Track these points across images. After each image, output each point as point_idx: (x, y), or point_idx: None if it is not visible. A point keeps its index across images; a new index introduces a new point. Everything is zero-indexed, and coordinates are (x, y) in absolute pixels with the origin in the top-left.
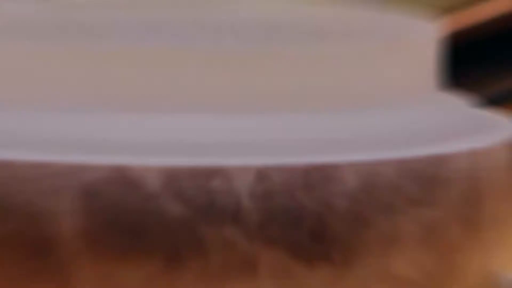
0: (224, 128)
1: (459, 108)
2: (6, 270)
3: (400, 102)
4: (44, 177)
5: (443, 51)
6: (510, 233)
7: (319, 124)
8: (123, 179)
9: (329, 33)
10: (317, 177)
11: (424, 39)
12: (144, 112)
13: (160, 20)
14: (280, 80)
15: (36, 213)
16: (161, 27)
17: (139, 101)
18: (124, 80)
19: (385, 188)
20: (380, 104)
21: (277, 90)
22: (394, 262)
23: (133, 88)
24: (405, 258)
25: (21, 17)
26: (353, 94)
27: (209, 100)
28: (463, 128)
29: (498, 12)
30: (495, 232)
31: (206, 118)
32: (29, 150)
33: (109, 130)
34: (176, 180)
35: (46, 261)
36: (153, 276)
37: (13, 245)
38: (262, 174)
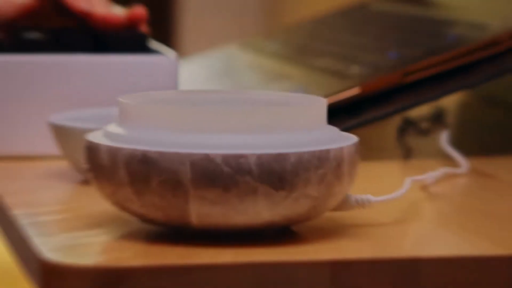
0: (245, 139)
1: (335, 131)
2: (162, 192)
3: (309, 129)
4: (177, 157)
5: (328, 110)
6: (354, 178)
7: (280, 137)
8: (207, 158)
9: (277, 103)
10: (280, 157)
11: (316, 105)
12: (217, 133)
13: (222, 98)
14: (263, 120)
15: (174, 170)
16: (223, 101)
17: (212, 127)
18: (212, 120)
19: (306, 161)
20: (300, 130)
21: (263, 125)
22: (309, 189)
23: (214, 122)
24: (312, 188)
25: (173, 97)
26: (289, 126)
27: (238, 128)
28: (336, 139)
29: (347, 96)
30: (349, 175)
31: (238, 136)
32: (172, 147)
33: (203, 139)
34: (227, 158)
35: (178, 190)
36: (218, 194)
37: (167, 184)
38: (259, 156)
